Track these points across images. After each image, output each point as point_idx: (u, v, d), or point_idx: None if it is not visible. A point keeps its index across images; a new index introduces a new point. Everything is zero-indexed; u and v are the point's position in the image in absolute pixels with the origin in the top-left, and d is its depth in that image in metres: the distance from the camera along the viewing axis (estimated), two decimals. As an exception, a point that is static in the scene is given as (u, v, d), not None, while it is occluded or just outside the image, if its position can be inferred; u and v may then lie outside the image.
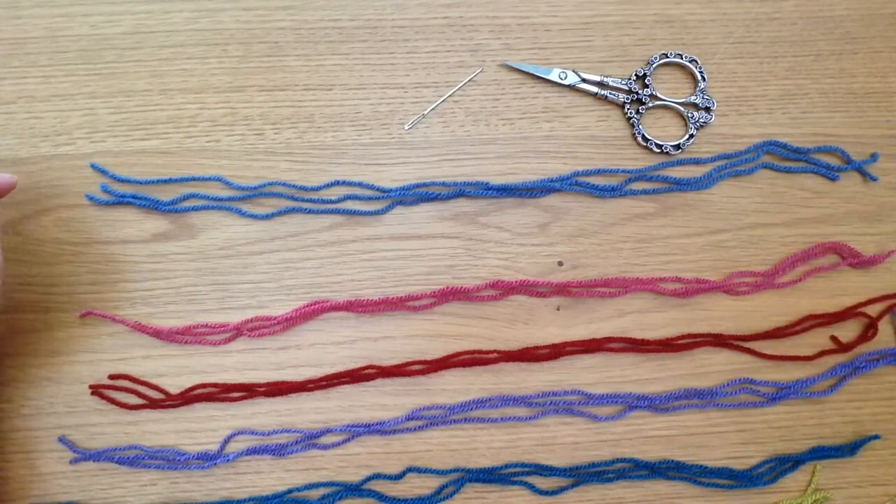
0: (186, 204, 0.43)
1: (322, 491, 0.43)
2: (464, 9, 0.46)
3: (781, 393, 0.44)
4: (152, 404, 0.42)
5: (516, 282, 0.44)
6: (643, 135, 0.45)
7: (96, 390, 0.42)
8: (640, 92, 0.46)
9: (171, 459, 0.42)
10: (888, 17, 0.47)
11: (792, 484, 0.44)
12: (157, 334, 0.43)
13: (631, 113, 0.46)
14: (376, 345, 0.44)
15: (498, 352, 0.44)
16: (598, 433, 0.44)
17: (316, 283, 0.44)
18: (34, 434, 0.42)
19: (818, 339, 0.45)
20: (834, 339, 0.45)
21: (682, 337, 0.44)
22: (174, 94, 0.44)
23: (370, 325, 0.44)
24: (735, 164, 0.46)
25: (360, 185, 0.44)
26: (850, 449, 0.44)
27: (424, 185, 0.44)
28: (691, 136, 0.46)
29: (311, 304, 0.43)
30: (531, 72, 0.45)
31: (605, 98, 0.46)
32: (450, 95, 0.45)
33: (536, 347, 0.44)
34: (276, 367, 0.43)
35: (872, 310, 0.45)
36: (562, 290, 0.44)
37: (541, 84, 0.46)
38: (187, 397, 0.43)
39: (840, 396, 0.45)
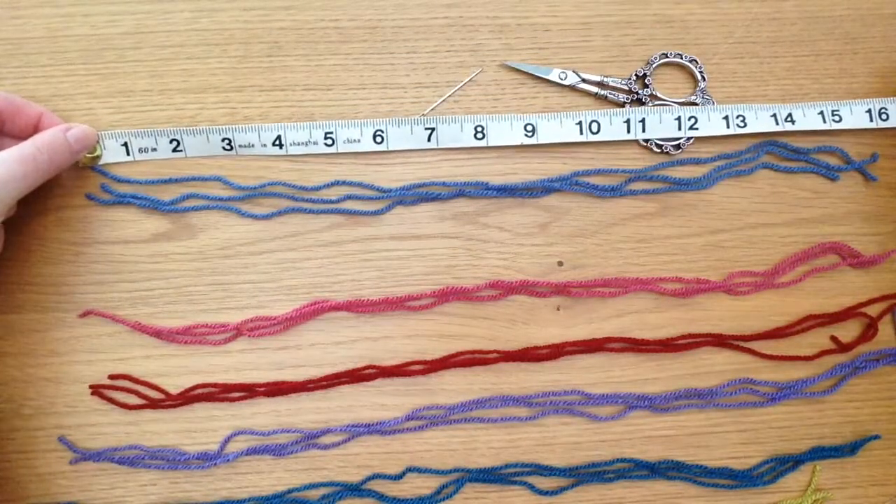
0: (186, 204, 0.44)
1: (322, 491, 0.43)
2: (464, 9, 0.46)
3: (781, 393, 0.44)
4: (152, 404, 0.42)
5: (516, 282, 0.44)
6: (643, 135, 0.45)
7: (96, 390, 0.42)
8: (640, 92, 0.46)
9: (171, 459, 0.42)
10: (888, 17, 0.47)
11: (792, 484, 0.45)
12: (157, 334, 0.43)
13: (631, 113, 0.46)
14: (376, 345, 0.44)
15: (498, 352, 0.44)
16: (598, 433, 0.44)
17: (316, 283, 0.44)
18: (34, 434, 0.42)
19: (818, 339, 0.45)
20: (834, 339, 0.45)
21: (682, 337, 0.44)
22: (174, 94, 0.44)
23: (370, 325, 0.44)
24: (735, 164, 0.46)
25: (360, 185, 0.44)
26: (850, 449, 0.44)
27: (424, 185, 0.44)
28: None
29: (311, 304, 0.43)
30: (531, 72, 0.45)
31: (605, 98, 0.46)
32: (450, 95, 0.45)
33: (536, 347, 0.44)
34: (276, 367, 0.43)
35: (872, 310, 0.45)
36: (562, 290, 0.44)
37: (541, 84, 0.46)
38: (187, 397, 0.43)
39: (840, 396, 0.45)
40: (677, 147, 0.46)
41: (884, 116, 0.46)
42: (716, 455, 0.44)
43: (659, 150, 0.46)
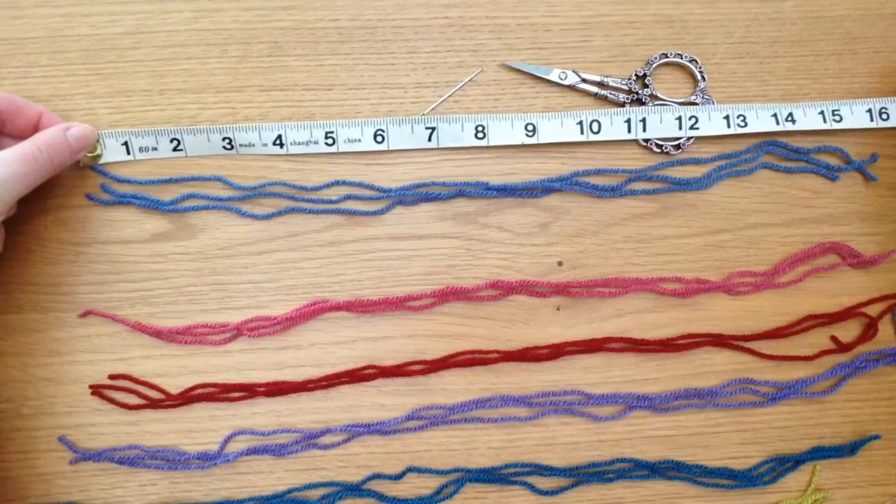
0: (186, 204, 0.44)
1: (322, 491, 0.43)
2: (464, 9, 0.46)
3: (781, 393, 0.44)
4: (152, 404, 0.42)
5: (516, 282, 0.44)
6: (643, 135, 0.45)
7: (96, 390, 0.42)
8: (640, 92, 0.46)
9: (171, 459, 0.42)
10: (888, 17, 0.47)
11: (792, 484, 0.45)
12: (157, 334, 0.43)
13: (631, 113, 0.46)
14: (376, 345, 0.44)
15: (498, 352, 0.44)
16: (598, 433, 0.44)
17: (316, 283, 0.44)
18: (34, 434, 0.42)
19: (818, 339, 0.45)
20: (834, 339, 0.45)
21: (682, 337, 0.44)
22: (174, 94, 0.44)
23: (370, 325, 0.44)
24: (735, 164, 0.46)
25: (360, 185, 0.44)
26: (850, 449, 0.44)
27: (424, 185, 0.44)
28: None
29: (311, 304, 0.43)
30: (531, 72, 0.45)
31: (605, 98, 0.46)
32: (450, 95, 0.45)
33: (536, 347, 0.44)
34: (276, 367, 0.43)
35: (872, 310, 0.45)
36: (562, 290, 0.44)
37: (541, 84, 0.46)
38: (187, 397, 0.43)
39: (840, 396, 0.45)
40: (677, 147, 0.46)
41: (884, 116, 0.46)
42: (716, 455, 0.44)
43: (659, 150, 0.46)
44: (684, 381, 0.45)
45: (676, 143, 0.46)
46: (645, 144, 0.46)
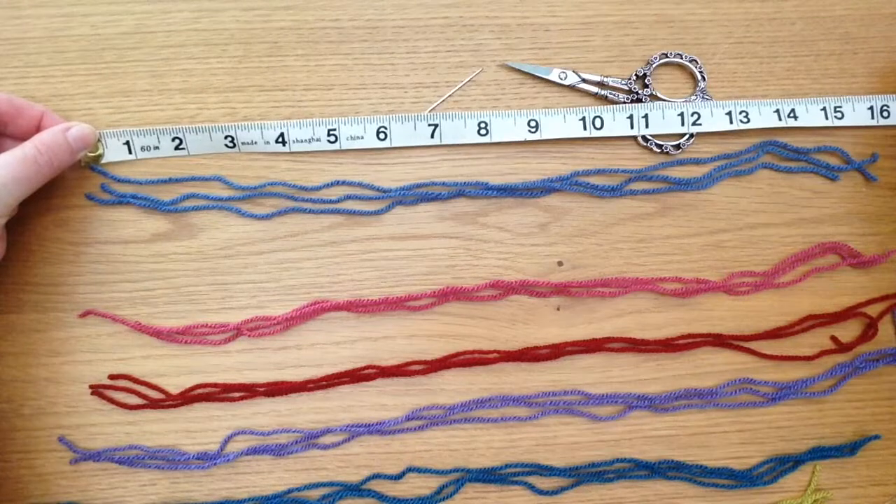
0: (186, 204, 0.44)
1: (322, 491, 0.43)
2: (464, 9, 0.46)
3: (781, 393, 0.44)
4: (152, 404, 0.42)
5: (516, 282, 0.44)
6: (643, 135, 0.45)
7: (96, 390, 0.42)
8: (640, 92, 0.46)
9: (171, 459, 0.42)
10: (888, 17, 0.47)
11: (792, 484, 0.45)
12: (157, 334, 0.43)
13: (631, 113, 0.46)
14: (376, 345, 0.44)
15: (498, 352, 0.44)
16: (598, 433, 0.44)
17: (316, 283, 0.44)
18: (34, 434, 0.42)
19: (818, 339, 0.45)
20: (834, 339, 0.45)
21: (682, 337, 0.44)
22: (174, 94, 0.44)
23: (370, 325, 0.44)
24: (735, 164, 0.46)
25: (360, 185, 0.44)
26: (850, 449, 0.44)
27: (424, 185, 0.44)
28: (691, 135, 0.46)
29: (311, 304, 0.43)
30: (531, 72, 0.45)
31: (605, 98, 0.46)
32: (450, 95, 0.45)
33: (536, 347, 0.44)
34: (276, 367, 0.43)
35: (872, 310, 0.45)
36: (562, 290, 0.44)
37: (541, 84, 0.46)
38: (187, 397, 0.43)
39: (840, 396, 0.45)
40: (677, 147, 0.46)
41: (885, 114, 0.46)
42: (716, 455, 0.44)
43: (659, 150, 0.46)
44: (684, 381, 0.45)
45: (676, 143, 0.46)
46: (645, 144, 0.46)
